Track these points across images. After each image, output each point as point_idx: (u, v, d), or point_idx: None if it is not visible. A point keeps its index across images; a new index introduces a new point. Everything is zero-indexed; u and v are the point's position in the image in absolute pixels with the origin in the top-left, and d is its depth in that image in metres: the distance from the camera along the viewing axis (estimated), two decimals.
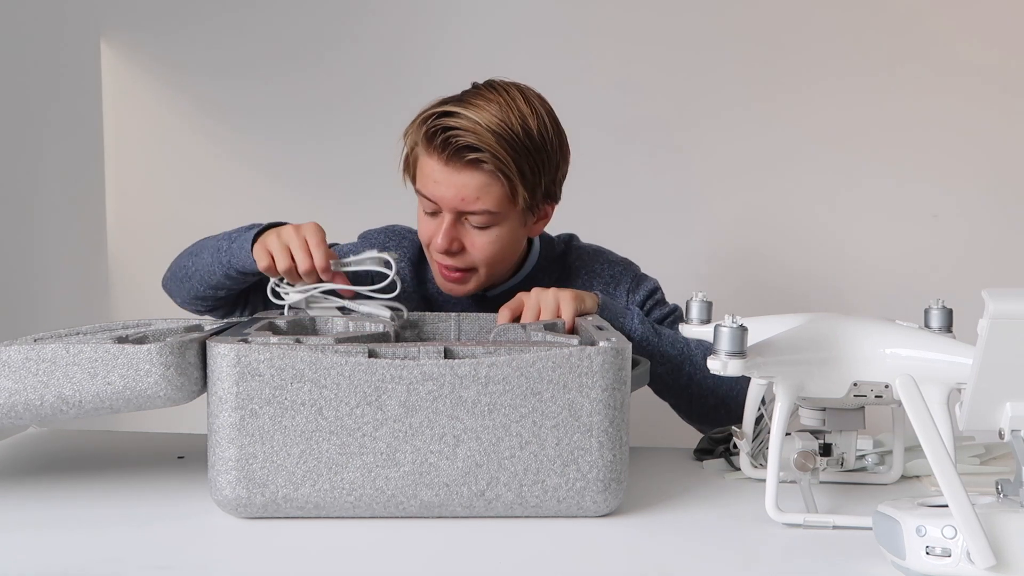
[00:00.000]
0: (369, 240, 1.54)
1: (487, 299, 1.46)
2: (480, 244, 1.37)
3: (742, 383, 1.27)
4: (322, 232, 1.25)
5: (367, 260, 1.28)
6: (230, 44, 2.19)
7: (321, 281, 1.25)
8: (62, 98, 2.17)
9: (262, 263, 1.26)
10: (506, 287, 1.46)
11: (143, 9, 2.21)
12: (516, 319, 1.27)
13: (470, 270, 1.40)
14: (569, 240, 1.55)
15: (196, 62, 2.20)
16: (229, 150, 2.20)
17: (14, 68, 2.00)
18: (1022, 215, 2.10)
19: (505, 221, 1.37)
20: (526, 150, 1.32)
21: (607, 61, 2.14)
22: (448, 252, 1.37)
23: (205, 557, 0.92)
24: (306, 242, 1.24)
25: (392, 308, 1.26)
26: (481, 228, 1.36)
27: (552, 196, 1.42)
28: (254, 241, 1.28)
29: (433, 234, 1.37)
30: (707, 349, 1.28)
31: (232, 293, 1.39)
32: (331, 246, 1.52)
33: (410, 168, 1.41)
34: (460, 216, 1.35)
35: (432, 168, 1.34)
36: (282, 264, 1.24)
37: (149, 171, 2.24)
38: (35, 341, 1.08)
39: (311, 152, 2.15)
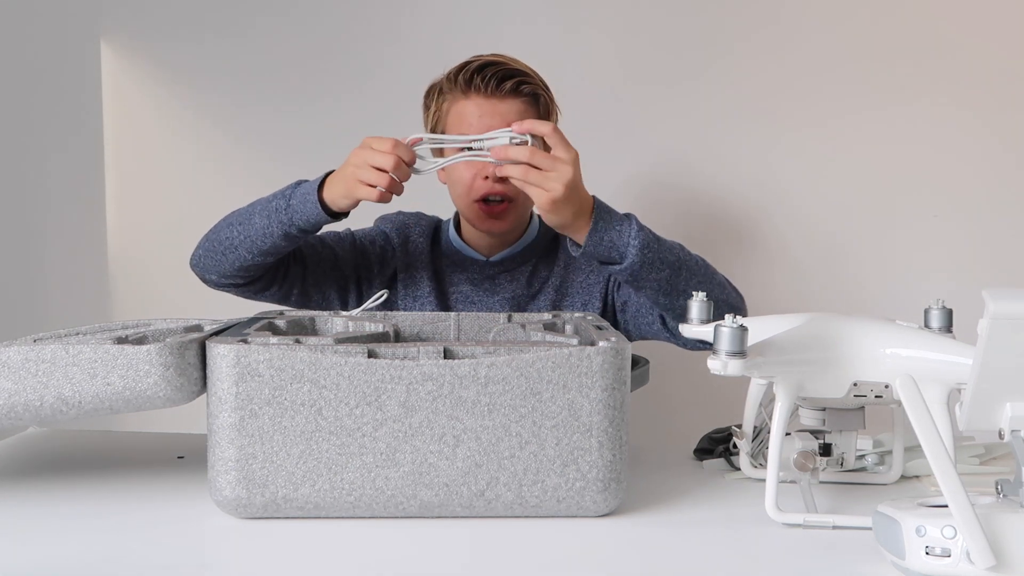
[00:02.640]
0: (387, 220, 1.62)
1: (490, 264, 1.58)
2: None
3: (718, 277, 1.42)
4: (388, 140, 1.27)
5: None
6: (230, 44, 2.19)
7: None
8: (62, 98, 2.17)
9: (360, 194, 1.27)
10: (507, 254, 1.59)
11: (143, 10, 2.21)
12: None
13: (510, 201, 1.51)
14: None
15: (196, 62, 2.20)
16: (230, 150, 2.20)
17: (14, 68, 2.01)
18: (1022, 215, 2.10)
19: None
20: (542, 84, 1.53)
21: (604, 64, 2.14)
22: (499, 179, 1.46)
23: (205, 557, 0.92)
24: (386, 152, 1.25)
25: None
26: None
27: None
28: (319, 196, 1.31)
29: (479, 169, 1.48)
30: (691, 256, 1.39)
31: (275, 260, 1.42)
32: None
33: (441, 127, 1.53)
34: None
35: (474, 108, 1.48)
36: (385, 182, 1.26)
37: (149, 171, 2.24)
38: (35, 341, 1.08)
39: (313, 151, 2.15)
